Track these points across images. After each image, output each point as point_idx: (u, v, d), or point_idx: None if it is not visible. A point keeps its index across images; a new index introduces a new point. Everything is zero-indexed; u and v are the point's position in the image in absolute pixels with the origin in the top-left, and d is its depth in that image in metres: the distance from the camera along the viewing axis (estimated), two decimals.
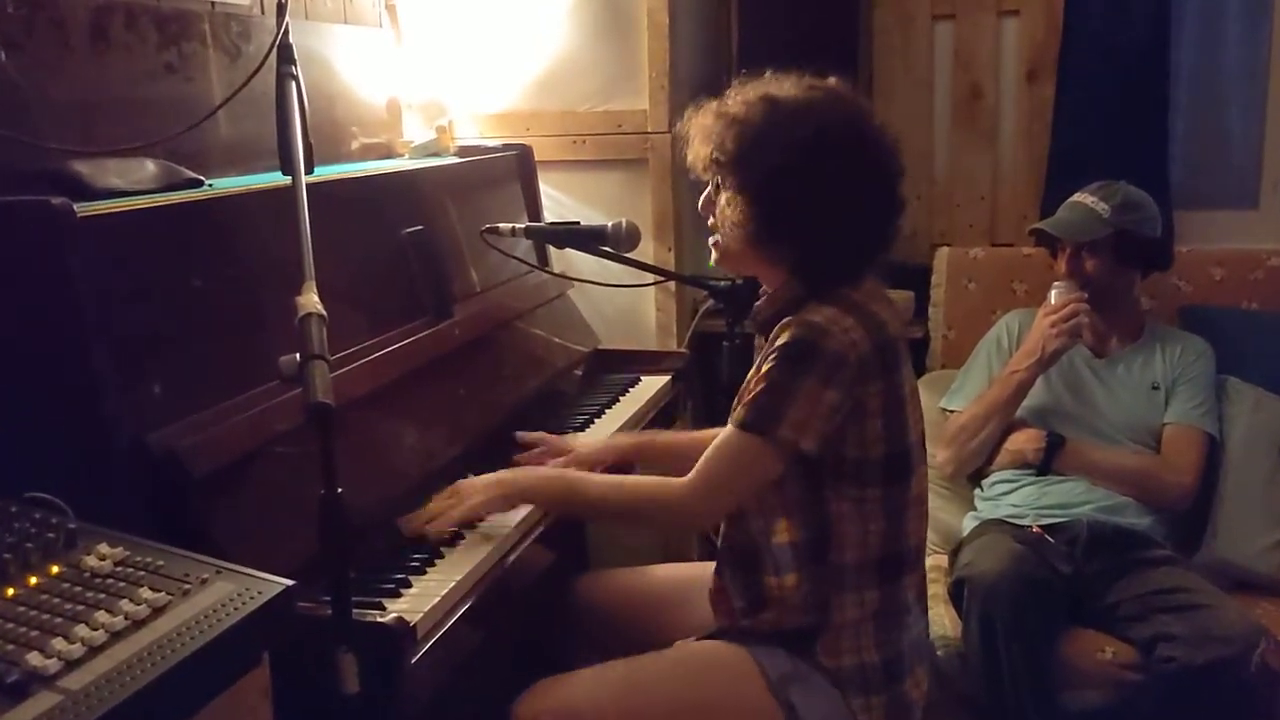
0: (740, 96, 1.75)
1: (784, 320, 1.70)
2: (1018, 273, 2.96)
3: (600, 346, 2.80)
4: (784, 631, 1.75)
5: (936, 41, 3.20)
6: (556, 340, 2.61)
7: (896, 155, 1.76)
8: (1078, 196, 2.64)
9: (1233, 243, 3.01)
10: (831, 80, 1.78)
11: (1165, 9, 2.97)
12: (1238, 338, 2.74)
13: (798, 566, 1.74)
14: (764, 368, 1.69)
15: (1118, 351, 2.66)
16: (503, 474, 1.87)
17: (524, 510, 1.87)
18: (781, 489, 1.73)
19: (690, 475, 1.72)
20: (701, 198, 1.84)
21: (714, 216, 1.80)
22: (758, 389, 1.68)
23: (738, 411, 1.70)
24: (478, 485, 1.82)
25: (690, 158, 1.81)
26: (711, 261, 1.89)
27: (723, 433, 1.72)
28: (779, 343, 1.68)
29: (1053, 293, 2.60)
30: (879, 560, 1.74)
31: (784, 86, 1.75)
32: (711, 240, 1.83)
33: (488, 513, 1.81)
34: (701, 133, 1.78)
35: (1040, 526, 2.43)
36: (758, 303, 1.84)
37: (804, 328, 1.66)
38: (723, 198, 1.76)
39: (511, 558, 1.76)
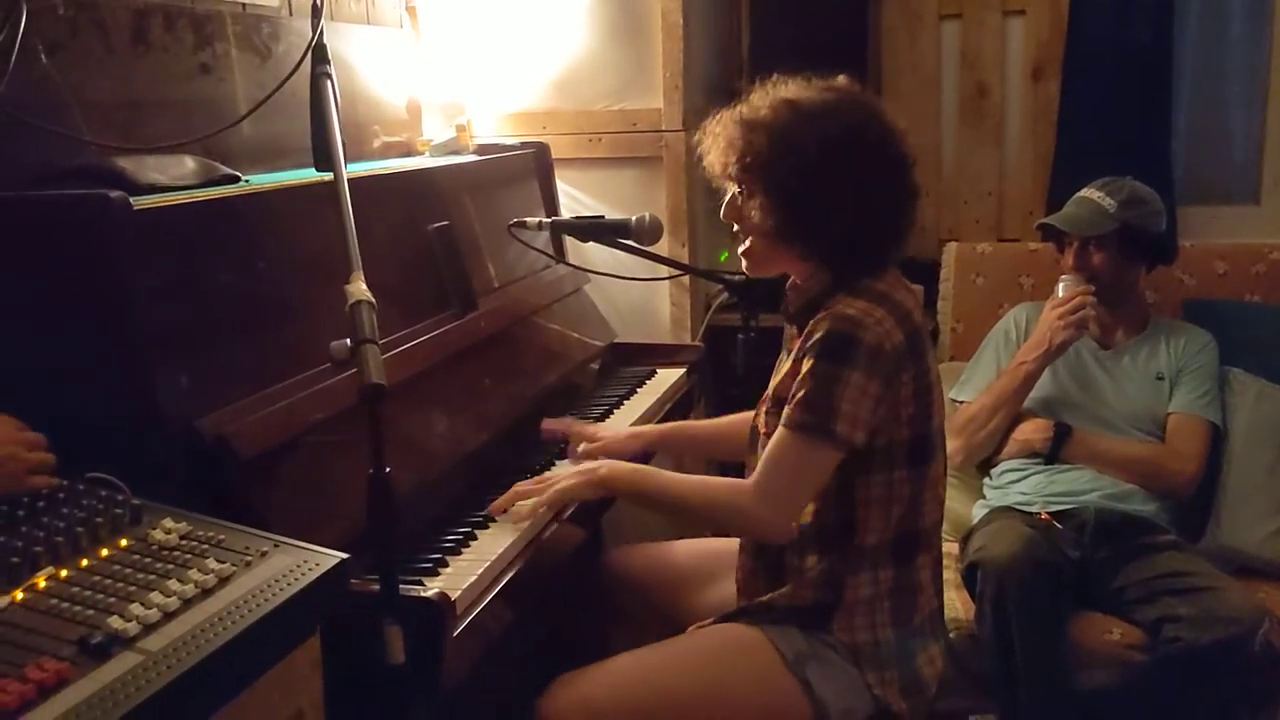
0: (761, 102, 1.80)
1: (818, 316, 1.73)
2: (1024, 267, 3.02)
3: (616, 340, 2.86)
4: (799, 608, 1.80)
5: (943, 40, 3.27)
6: (574, 334, 2.67)
7: (907, 145, 1.81)
8: (1085, 192, 2.69)
9: (1235, 237, 3.07)
10: (841, 80, 1.83)
11: (1168, 8, 3.03)
12: (1240, 330, 2.79)
13: (820, 548, 1.79)
14: (805, 366, 1.71)
15: (1123, 343, 2.72)
16: (590, 464, 1.93)
17: None
18: None
19: (755, 481, 1.74)
20: (724, 205, 1.87)
21: (739, 222, 1.85)
22: (804, 389, 1.70)
23: (788, 413, 1.72)
24: (567, 472, 1.89)
25: (712, 166, 1.84)
26: (732, 260, 1.93)
27: (776, 437, 1.73)
28: (816, 338, 1.71)
29: (1060, 286, 2.65)
30: (894, 539, 1.79)
31: (799, 89, 1.80)
32: (741, 249, 1.87)
33: (575, 499, 1.88)
34: (724, 140, 1.81)
35: (1049, 513, 2.48)
36: (788, 295, 1.88)
37: (840, 320, 1.70)
38: (753, 202, 1.80)
39: (545, 536, 1.82)
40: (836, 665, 1.78)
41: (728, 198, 1.87)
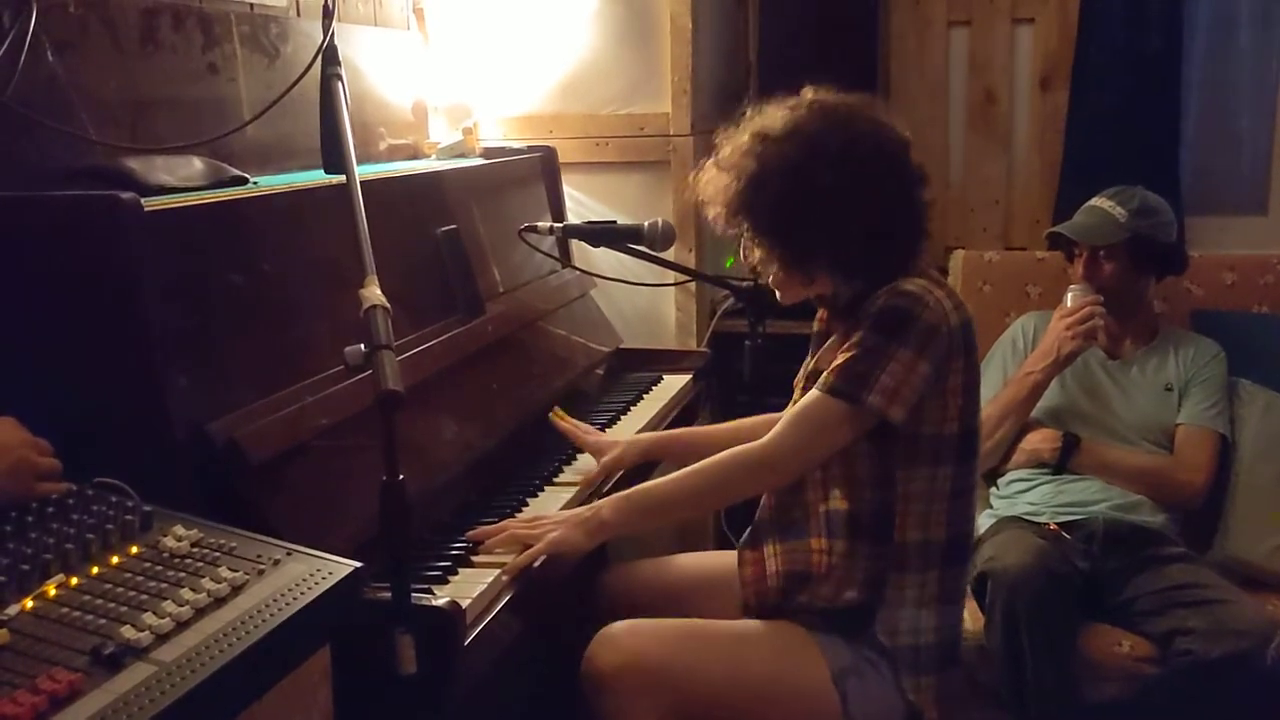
0: (730, 143, 1.81)
1: (876, 294, 1.72)
2: (1031, 276, 3.01)
3: (622, 345, 2.85)
4: (840, 609, 1.78)
5: (952, 48, 3.26)
6: (580, 339, 2.66)
7: (896, 134, 1.78)
8: (1095, 201, 2.68)
9: (1243, 248, 3.06)
10: (806, 93, 1.80)
11: (1178, 18, 3.02)
12: (1248, 341, 2.79)
13: (850, 535, 1.77)
14: (854, 338, 1.71)
15: (1132, 354, 2.71)
16: (581, 511, 1.81)
17: (563, 499, 1.91)
18: (850, 464, 1.76)
19: (772, 434, 1.74)
20: (741, 250, 1.88)
21: (751, 262, 1.85)
22: (849, 355, 1.70)
23: (825, 377, 1.71)
24: (561, 516, 1.80)
25: (711, 218, 1.85)
26: (738, 266, 1.93)
27: (808, 396, 1.73)
28: (872, 312, 1.70)
29: (1069, 295, 2.64)
30: (945, 542, 1.77)
31: (769, 116, 1.79)
32: (771, 282, 1.88)
33: (573, 552, 1.77)
34: (709, 190, 1.82)
35: (1057, 524, 2.47)
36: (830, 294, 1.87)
37: (900, 296, 1.70)
38: (752, 242, 1.82)
39: None
40: (874, 680, 1.76)
41: (741, 243, 1.87)
